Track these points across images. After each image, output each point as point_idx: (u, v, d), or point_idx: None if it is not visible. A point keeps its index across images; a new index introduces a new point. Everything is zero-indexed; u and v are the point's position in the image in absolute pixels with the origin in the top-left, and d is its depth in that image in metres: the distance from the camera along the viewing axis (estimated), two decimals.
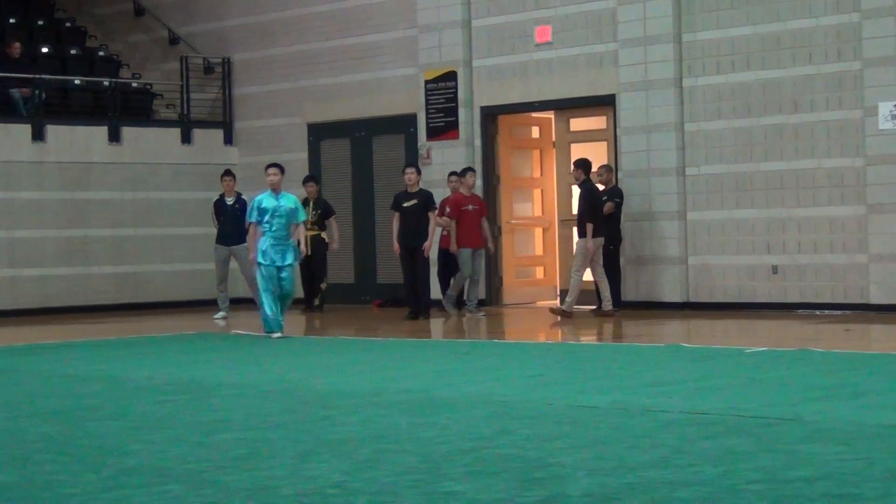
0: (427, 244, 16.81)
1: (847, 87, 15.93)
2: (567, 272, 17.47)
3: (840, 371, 9.89)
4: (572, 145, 18.75)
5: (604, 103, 18.01)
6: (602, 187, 17.00)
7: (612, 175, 17.26)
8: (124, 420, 8.16)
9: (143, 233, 21.06)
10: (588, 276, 16.45)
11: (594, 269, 16.44)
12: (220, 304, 18.19)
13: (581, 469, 6.03)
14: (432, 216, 16.94)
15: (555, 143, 19.34)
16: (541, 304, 19.17)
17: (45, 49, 22.22)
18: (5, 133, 19.93)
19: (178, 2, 23.18)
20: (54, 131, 20.31)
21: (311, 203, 18.47)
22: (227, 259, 18.00)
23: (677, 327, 15.29)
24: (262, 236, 14.48)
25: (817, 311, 15.97)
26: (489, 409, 8.13)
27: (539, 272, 19.87)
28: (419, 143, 19.61)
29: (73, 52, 22.51)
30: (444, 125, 19.28)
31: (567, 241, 18.69)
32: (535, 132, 19.79)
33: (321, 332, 16.03)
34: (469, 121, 19.13)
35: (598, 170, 17.02)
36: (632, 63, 17.43)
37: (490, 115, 19.15)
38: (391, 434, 7.25)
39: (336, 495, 5.60)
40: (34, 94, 20.38)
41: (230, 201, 17.99)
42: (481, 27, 19.04)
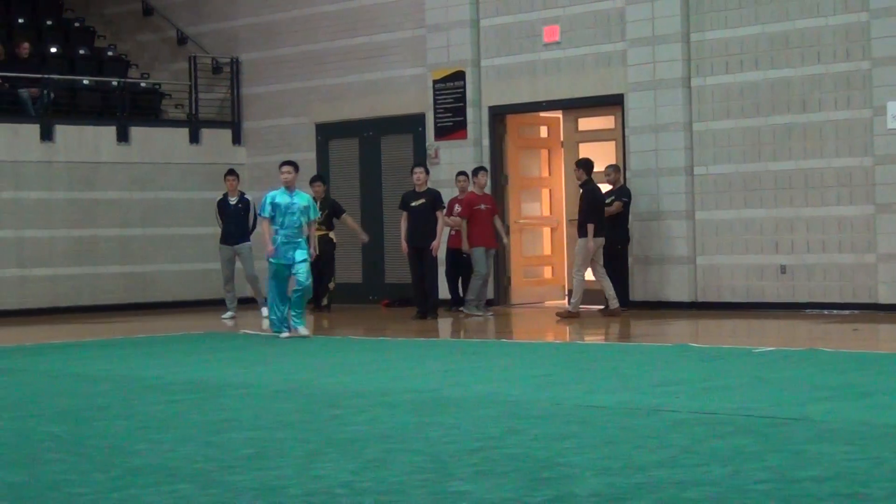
0: (435, 244, 16.80)
1: (855, 87, 15.90)
2: None
3: (848, 371, 9.89)
4: (580, 145, 18.72)
5: (612, 103, 18.00)
6: (610, 187, 17.01)
7: (620, 175, 17.25)
8: (133, 420, 8.17)
9: (151, 233, 21.06)
10: (589, 276, 16.45)
11: (594, 269, 16.44)
12: (228, 304, 18.20)
13: (589, 469, 6.03)
14: (440, 216, 16.93)
15: (563, 142, 19.31)
16: (549, 303, 19.15)
17: (53, 49, 22.23)
18: (14, 133, 19.95)
19: (186, 2, 23.19)
20: (63, 131, 20.32)
21: (318, 203, 18.46)
22: (231, 259, 18.01)
23: (685, 327, 15.28)
24: (275, 234, 14.50)
25: (825, 311, 15.95)
26: (497, 409, 8.13)
27: (547, 272, 19.85)
28: (427, 143, 19.60)
29: (81, 52, 22.53)
30: (453, 125, 19.27)
31: (575, 240, 18.63)
32: (544, 132, 19.77)
33: (329, 331, 16.04)
34: (477, 120, 19.12)
35: (605, 169, 17.03)
36: (640, 62, 17.41)
37: (498, 115, 19.14)
38: (399, 434, 7.25)
39: (344, 495, 5.61)
40: (43, 94, 20.38)
41: (233, 201, 18.00)
42: (489, 27, 19.04)
